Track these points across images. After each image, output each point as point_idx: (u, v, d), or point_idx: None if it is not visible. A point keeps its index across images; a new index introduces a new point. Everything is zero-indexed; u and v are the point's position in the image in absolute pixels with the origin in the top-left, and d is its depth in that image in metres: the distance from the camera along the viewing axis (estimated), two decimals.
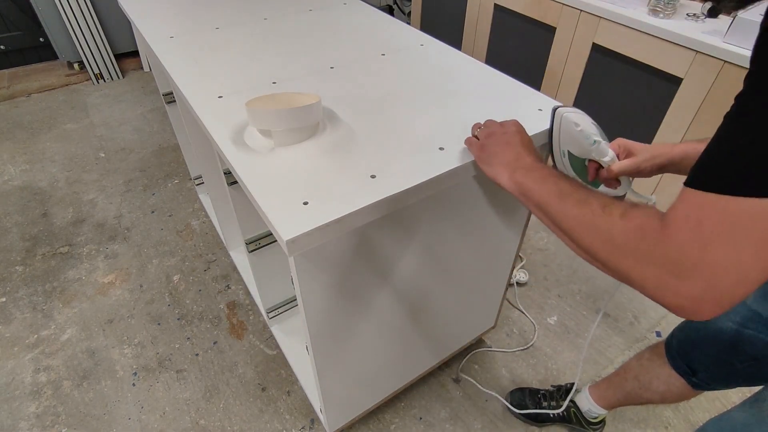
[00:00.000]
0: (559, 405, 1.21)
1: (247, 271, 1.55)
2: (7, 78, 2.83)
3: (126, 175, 2.17)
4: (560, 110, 0.79)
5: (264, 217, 0.69)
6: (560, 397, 1.22)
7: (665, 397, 0.93)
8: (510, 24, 1.85)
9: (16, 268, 1.72)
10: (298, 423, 1.28)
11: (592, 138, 0.76)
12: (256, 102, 0.83)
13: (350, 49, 1.15)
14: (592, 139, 0.76)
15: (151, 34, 1.22)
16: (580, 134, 0.77)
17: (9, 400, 1.33)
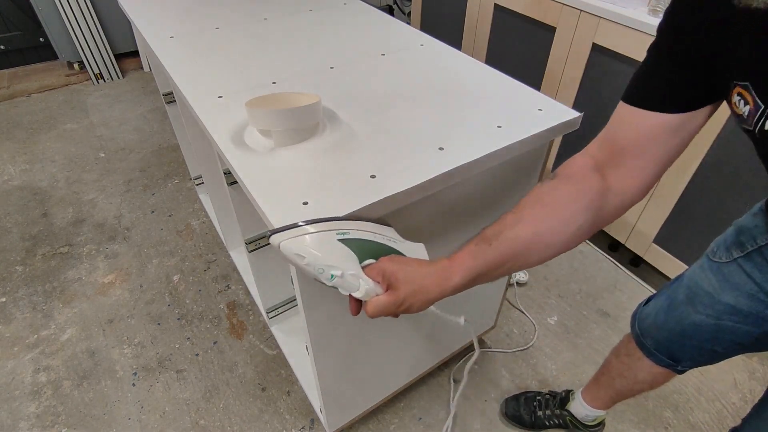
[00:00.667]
0: (555, 414, 1.21)
1: (247, 271, 1.55)
2: (7, 78, 2.83)
3: (126, 175, 2.17)
4: (275, 238, 0.58)
5: (264, 217, 0.69)
6: (555, 406, 1.22)
7: (654, 384, 0.94)
8: (510, 24, 1.85)
9: (16, 268, 1.72)
10: (298, 423, 1.28)
11: (329, 273, 0.57)
12: (256, 102, 0.83)
13: (350, 49, 1.15)
14: (329, 274, 0.57)
15: (151, 34, 1.22)
16: (311, 270, 0.58)
17: (9, 400, 1.33)
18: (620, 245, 1.74)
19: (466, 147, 0.80)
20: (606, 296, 1.62)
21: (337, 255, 0.58)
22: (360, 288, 0.59)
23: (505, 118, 0.88)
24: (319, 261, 0.57)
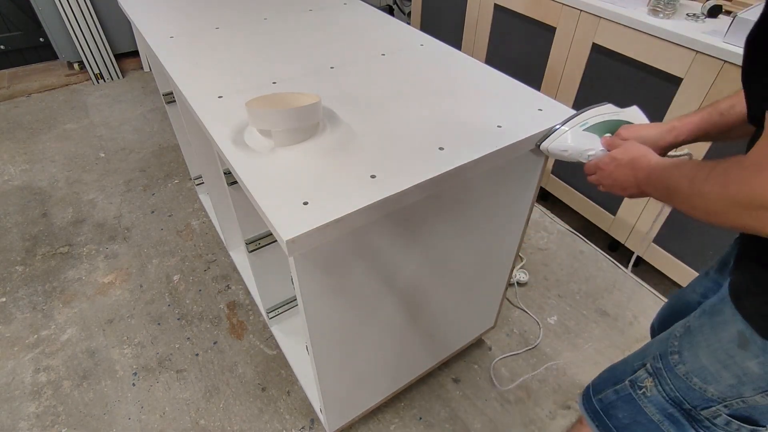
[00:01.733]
0: None
1: (247, 271, 1.55)
2: (7, 78, 2.83)
3: (126, 175, 2.17)
4: (544, 144, 0.83)
5: (264, 217, 0.69)
6: None
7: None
8: (510, 24, 1.85)
9: (16, 268, 1.72)
10: (298, 423, 1.28)
11: (585, 155, 0.78)
12: (256, 102, 0.83)
13: (350, 49, 1.15)
14: (586, 155, 0.78)
15: (151, 34, 1.22)
16: (571, 157, 0.80)
17: (9, 400, 1.33)
18: (620, 245, 1.74)
19: (466, 147, 0.80)
20: (606, 296, 1.62)
21: (588, 140, 0.78)
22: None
23: (505, 118, 0.88)
24: (579, 149, 0.79)
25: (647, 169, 0.66)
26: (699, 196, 0.51)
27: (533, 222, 1.93)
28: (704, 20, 1.38)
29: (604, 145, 0.78)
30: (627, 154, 0.71)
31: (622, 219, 1.67)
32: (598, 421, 0.80)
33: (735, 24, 1.20)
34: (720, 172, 0.49)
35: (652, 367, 0.70)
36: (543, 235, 1.87)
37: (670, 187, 0.58)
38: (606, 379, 0.81)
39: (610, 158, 0.73)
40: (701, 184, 0.51)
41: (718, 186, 0.48)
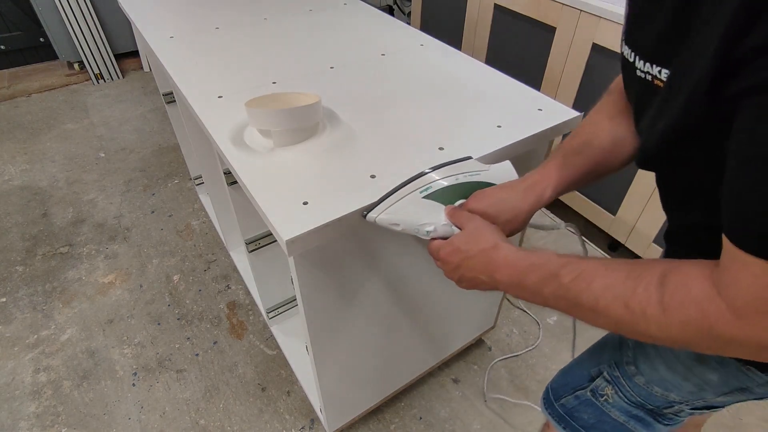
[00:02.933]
0: None
1: (247, 271, 1.55)
2: (7, 78, 2.83)
3: (126, 175, 2.17)
4: (370, 216, 0.65)
5: (264, 217, 0.69)
6: None
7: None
8: (510, 24, 1.85)
9: (16, 268, 1.72)
10: (298, 423, 1.28)
11: (422, 231, 0.62)
12: (255, 102, 0.83)
13: (350, 49, 1.15)
14: (423, 231, 0.62)
15: (151, 34, 1.22)
16: (406, 232, 0.64)
17: (9, 400, 1.33)
18: (620, 245, 1.74)
19: (466, 147, 0.80)
20: None
21: (426, 212, 0.63)
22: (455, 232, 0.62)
23: (505, 118, 0.88)
24: (412, 224, 0.62)
25: (509, 270, 0.53)
26: (656, 328, 0.41)
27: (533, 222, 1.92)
28: None
29: (448, 218, 0.63)
30: (473, 243, 0.57)
31: (622, 219, 1.67)
32: (564, 423, 0.77)
33: None
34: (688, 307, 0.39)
35: (610, 375, 0.68)
36: (543, 235, 1.87)
37: (580, 304, 0.46)
38: (564, 384, 0.78)
39: (453, 248, 0.59)
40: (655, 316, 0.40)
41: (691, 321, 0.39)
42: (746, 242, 0.35)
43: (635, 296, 0.41)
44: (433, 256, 0.63)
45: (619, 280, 0.43)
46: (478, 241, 0.57)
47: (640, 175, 1.54)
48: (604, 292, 0.44)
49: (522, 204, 0.62)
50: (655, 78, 0.44)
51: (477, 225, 0.59)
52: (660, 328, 0.40)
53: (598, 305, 0.44)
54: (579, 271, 0.46)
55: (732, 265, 0.36)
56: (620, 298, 0.42)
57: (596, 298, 0.44)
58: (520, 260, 0.53)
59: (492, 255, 0.55)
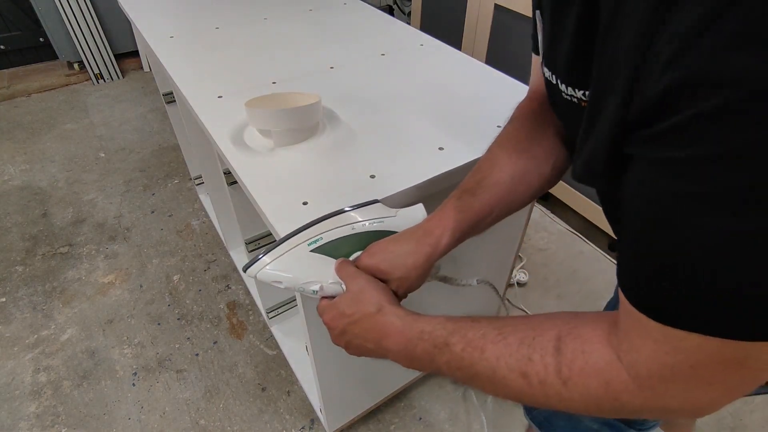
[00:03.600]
0: None
1: None
2: (7, 78, 2.83)
3: (126, 175, 2.17)
4: (250, 272, 0.55)
5: (264, 217, 0.69)
6: None
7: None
8: (510, 24, 1.85)
9: (16, 268, 1.72)
10: (298, 423, 1.28)
11: (309, 289, 0.55)
12: (255, 102, 0.83)
13: (350, 49, 1.15)
14: (310, 290, 0.55)
15: (151, 34, 1.22)
16: (291, 291, 0.58)
17: (9, 400, 1.33)
18: None
19: (466, 147, 0.80)
20: (606, 296, 1.62)
21: (313, 268, 0.55)
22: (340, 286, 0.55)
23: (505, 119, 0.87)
24: (295, 282, 0.54)
25: (396, 338, 0.48)
26: (557, 398, 0.38)
27: (533, 222, 1.93)
28: None
29: (337, 275, 0.55)
30: (357, 306, 0.51)
31: None
32: (545, 428, 0.77)
33: None
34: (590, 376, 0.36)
35: None
36: (543, 235, 1.87)
37: (476, 374, 0.41)
38: None
39: (337, 312, 0.52)
40: (554, 386, 0.37)
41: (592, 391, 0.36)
42: (644, 305, 0.32)
43: (532, 365, 0.38)
44: (321, 317, 0.55)
45: (513, 347, 0.39)
46: (362, 303, 0.51)
47: None
48: (499, 361, 0.40)
49: (416, 257, 0.54)
50: (581, 100, 0.42)
51: (361, 285, 0.52)
52: (561, 399, 0.38)
53: (496, 376, 0.40)
54: (470, 338, 0.42)
55: (631, 329, 0.34)
56: (516, 368, 0.39)
57: (492, 369, 0.40)
58: (407, 328, 0.48)
59: (377, 320, 0.49)
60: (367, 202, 0.61)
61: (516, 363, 0.39)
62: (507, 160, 0.56)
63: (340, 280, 0.54)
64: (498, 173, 0.56)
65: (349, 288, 0.53)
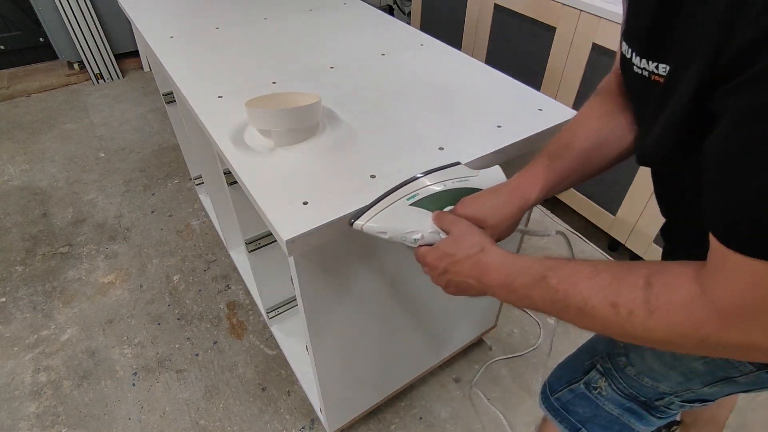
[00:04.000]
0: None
1: (247, 271, 1.55)
2: (7, 78, 2.83)
3: (126, 175, 2.17)
4: (356, 224, 0.63)
5: (264, 217, 0.69)
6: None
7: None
8: (510, 24, 1.85)
9: (16, 268, 1.72)
10: (298, 423, 1.28)
11: (410, 238, 0.61)
12: (255, 102, 0.83)
13: (350, 49, 1.15)
14: (411, 239, 0.61)
15: (151, 34, 1.22)
16: (393, 240, 0.63)
17: (9, 400, 1.33)
18: (620, 245, 1.74)
19: (466, 147, 0.80)
20: None
21: (412, 220, 0.61)
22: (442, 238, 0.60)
23: (505, 118, 0.88)
24: (398, 232, 0.61)
25: (498, 274, 0.52)
26: (642, 329, 0.40)
27: (533, 222, 1.93)
28: None
29: (435, 223, 0.62)
30: (460, 248, 0.56)
31: (622, 219, 1.67)
32: (560, 417, 0.78)
33: None
34: (675, 308, 0.38)
35: (603, 368, 0.69)
36: None
37: (568, 306, 0.45)
38: (559, 377, 0.80)
39: (440, 253, 0.58)
40: (641, 317, 0.40)
41: (677, 323, 0.38)
42: (734, 241, 0.34)
43: (621, 297, 0.41)
44: (420, 261, 0.62)
45: (605, 282, 0.43)
46: (465, 244, 0.56)
47: (640, 175, 1.54)
48: (591, 293, 0.43)
49: (508, 208, 0.61)
50: (652, 74, 0.45)
51: (463, 229, 0.58)
52: (646, 329, 0.40)
53: (586, 306, 0.43)
54: (566, 273, 0.46)
55: (719, 265, 0.36)
56: (607, 299, 0.42)
57: (584, 300, 0.44)
58: (508, 264, 0.52)
59: (480, 258, 0.54)
60: (450, 164, 0.67)
61: (606, 295, 0.42)
62: (590, 128, 0.62)
63: (437, 229, 0.61)
64: (581, 140, 0.61)
65: (453, 231, 0.59)
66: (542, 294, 0.47)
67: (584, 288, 0.44)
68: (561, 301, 0.46)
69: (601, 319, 0.43)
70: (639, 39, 0.46)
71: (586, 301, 0.43)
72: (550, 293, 0.46)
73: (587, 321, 0.44)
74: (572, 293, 0.45)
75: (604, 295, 0.42)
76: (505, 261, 0.53)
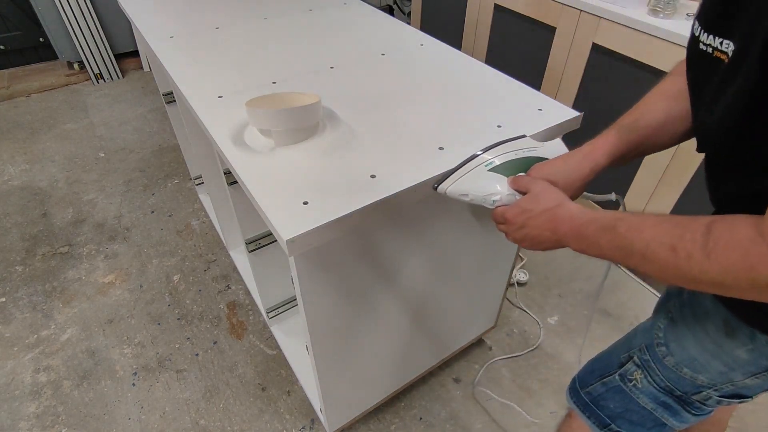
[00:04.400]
0: None
1: (247, 271, 1.55)
2: (7, 78, 2.83)
3: (126, 175, 2.17)
4: (441, 187, 0.73)
5: (264, 217, 0.69)
6: None
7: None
8: (510, 24, 1.85)
9: (16, 268, 1.72)
10: (298, 423, 1.28)
11: (489, 200, 0.70)
12: (256, 102, 0.83)
13: (350, 49, 1.15)
14: (490, 200, 0.69)
15: (151, 34, 1.22)
16: (474, 202, 0.71)
17: (9, 400, 1.33)
18: None
19: (466, 147, 0.80)
20: (607, 296, 1.62)
21: (492, 183, 0.70)
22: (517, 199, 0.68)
23: (505, 118, 0.88)
24: (480, 194, 0.70)
25: (573, 224, 0.58)
26: (699, 269, 0.43)
27: None
28: None
29: (511, 187, 0.70)
30: (539, 203, 0.63)
31: None
32: (589, 412, 0.79)
33: None
34: (732, 249, 0.41)
35: (640, 359, 0.69)
36: None
37: (632, 252, 0.49)
38: (592, 371, 0.80)
39: (520, 209, 0.65)
40: (698, 258, 0.43)
41: (732, 263, 0.41)
42: None
43: (682, 241, 0.45)
44: (498, 220, 0.70)
45: (668, 229, 0.47)
46: (544, 200, 0.63)
47: (641, 174, 1.54)
48: (654, 238, 0.47)
49: (579, 171, 0.67)
50: (716, 50, 0.47)
51: (542, 187, 0.65)
52: (702, 271, 0.43)
53: (648, 250, 0.48)
54: (633, 222, 0.51)
55: None
56: (668, 243, 0.46)
57: (647, 244, 0.48)
58: (581, 214, 0.58)
59: (557, 212, 0.61)
60: (518, 136, 0.76)
61: (668, 240, 0.46)
62: (658, 107, 0.66)
63: (513, 192, 0.69)
64: (651, 117, 0.66)
65: (532, 189, 0.65)
66: (610, 240, 0.52)
67: (648, 234, 0.48)
68: (626, 247, 0.50)
69: (660, 261, 0.47)
70: (707, 14, 0.49)
71: (648, 245, 0.47)
72: (617, 240, 0.51)
73: (648, 265, 0.48)
74: (637, 239, 0.49)
75: (666, 240, 0.46)
76: (579, 212, 0.59)
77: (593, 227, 0.55)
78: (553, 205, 0.61)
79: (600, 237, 0.54)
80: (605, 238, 0.53)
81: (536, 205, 0.63)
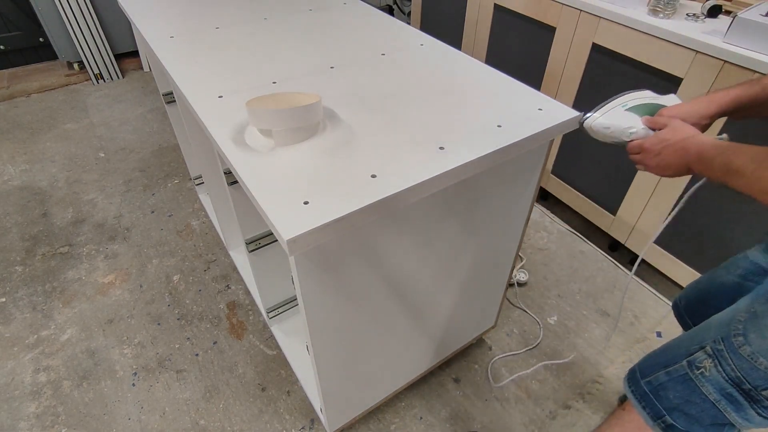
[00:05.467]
0: None
1: (247, 271, 1.55)
2: (7, 78, 2.83)
3: (126, 175, 2.17)
4: (588, 122, 0.86)
5: (264, 217, 0.69)
6: None
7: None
8: (510, 24, 1.85)
9: (16, 268, 1.72)
10: (298, 423, 1.28)
11: (627, 132, 0.83)
12: (256, 102, 0.83)
13: (350, 49, 1.15)
14: (628, 133, 0.83)
15: (151, 34, 1.22)
16: (613, 134, 0.85)
17: (9, 400, 1.33)
18: (620, 245, 1.74)
19: (466, 147, 0.80)
20: (606, 296, 1.62)
21: (629, 119, 0.83)
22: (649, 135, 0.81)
23: (505, 118, 0.88)
24: (621, 126, 0.83)
25: (699, 149, 0.70)
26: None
27: (533, 222, 1.93)
28: (704, 20, 1.38)
29: (645, 124, 0.82)
30: (676, 134, 0.75)
31: (622, 219, 1.67)
32: (646, 402, 0.80)
33: (735, 24, 1.20)
34: None
35: (713, 349, 0.70)
36: (543, 234, 1.87)
37: (731, 169, 0.63)
38: (655, 362, 0.81)
39: (659, 139, 0.77)
40: None
41: None
42: None
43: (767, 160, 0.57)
44: (633, 151, 0.82)
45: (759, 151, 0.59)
46: (681, 132, 0.74)
47: (640, 175, 1.54)
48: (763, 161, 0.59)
49: (706, 110, 0.78)
50: None
51: (680, 122, 0.77)
52: None
53: (755, 172, 0.59)
54: (738, 147, 0.63)
55: None
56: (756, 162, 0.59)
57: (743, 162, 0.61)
58: (707, 142, 0.69)
59: (690, 141, 0.72)
60: (640, 88, 0.88)
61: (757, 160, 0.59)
62: None
63: (646, 128, 0.82)
64: None
65: (671, 124, 0.77)
66: (720, 161, 0.65)
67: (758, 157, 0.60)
68: (729, 164, 0.63)
69: (748, 177, 0.60)
70: None
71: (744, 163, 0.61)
72: (725, 158, 0.64)
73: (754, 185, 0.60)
74: (736, 159, 0.62)
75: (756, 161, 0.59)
76: (707, 141, 0.70)
77: (713, 151, 0.67)
78: (688, 136, 0.73)
79: (714, 158, 0.66)
80: (718, 159, 0.65)
81: (674, 135, 0.75)
